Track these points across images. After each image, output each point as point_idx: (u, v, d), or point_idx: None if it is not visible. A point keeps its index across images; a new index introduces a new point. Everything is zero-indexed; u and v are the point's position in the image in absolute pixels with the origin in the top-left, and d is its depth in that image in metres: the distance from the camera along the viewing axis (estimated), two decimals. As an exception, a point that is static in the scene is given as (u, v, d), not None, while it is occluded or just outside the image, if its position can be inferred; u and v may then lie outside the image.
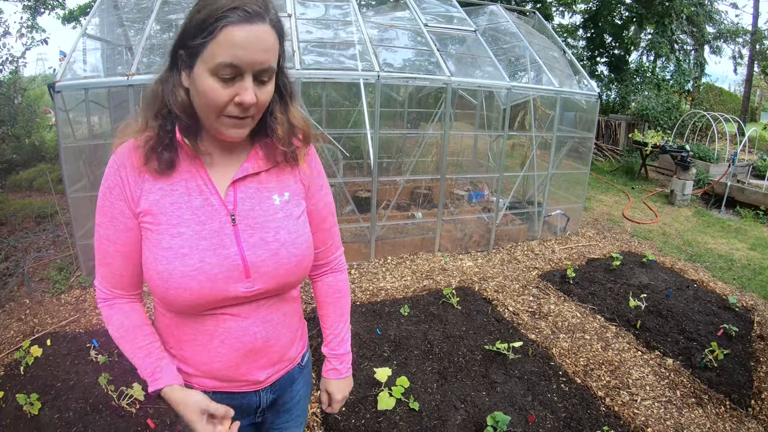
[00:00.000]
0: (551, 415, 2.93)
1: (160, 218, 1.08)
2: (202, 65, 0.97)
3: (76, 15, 11.18)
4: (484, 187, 6.97)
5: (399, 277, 4.81)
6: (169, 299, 1.09)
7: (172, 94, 1.03)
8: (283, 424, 1.43)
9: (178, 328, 1.18)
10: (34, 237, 5.60)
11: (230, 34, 0.94)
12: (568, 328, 4.03)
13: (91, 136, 4.97)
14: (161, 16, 4.91)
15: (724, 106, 19.46)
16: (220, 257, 1.08)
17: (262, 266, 1.12)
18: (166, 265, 1.06)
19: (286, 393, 1.37)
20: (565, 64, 6.76)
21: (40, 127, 9.61)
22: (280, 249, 1.14)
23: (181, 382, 1.17)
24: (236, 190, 1.13)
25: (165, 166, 1.07)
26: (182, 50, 1.00)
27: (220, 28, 0.93)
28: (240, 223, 1.12)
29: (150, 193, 1.08)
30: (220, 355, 1.18)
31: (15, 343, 3.50)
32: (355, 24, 5.30)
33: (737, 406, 3.17)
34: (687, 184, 8.53)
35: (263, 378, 1.26)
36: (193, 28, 0.97)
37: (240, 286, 1.11)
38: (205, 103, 1.00)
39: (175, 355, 1.21)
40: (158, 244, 1.08)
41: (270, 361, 1.26)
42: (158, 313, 1.24)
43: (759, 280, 5.32)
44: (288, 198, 1.20)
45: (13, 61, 6.91)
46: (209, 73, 0.97)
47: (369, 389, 3.03)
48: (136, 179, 1.08)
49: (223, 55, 0.94)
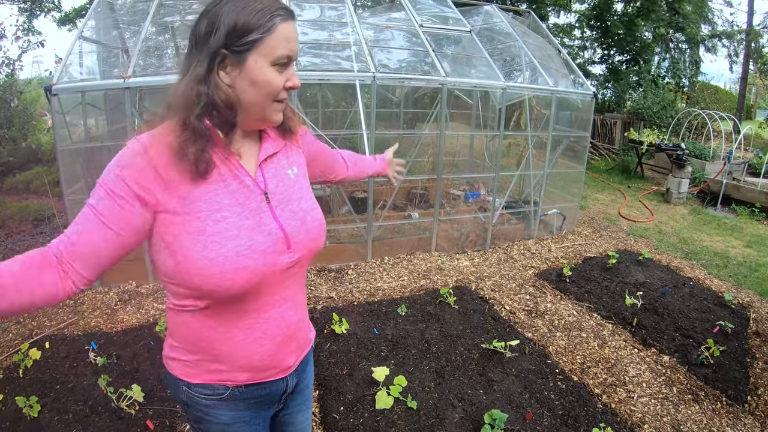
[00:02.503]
0: (548, 413, 2.95)
1: (199, 206, 1.09)
2: (261, 59, 1.09)
3: (71, 17, 11.17)
4: (481, 186, 6.99)
5: (396, 277, 4.82)
6: (226, 285, 1.09)
7: (218, 91, 1.09)
8: (297, 406, 1.48)
9: (212, 329, 1.19)
10: (32, 240, 5.60)
11: (284, 29, 1.10)
12: (564, 326, 4.05)
13: (87, 138, 4.98)
14: (157, 18, 4.92)
15: (720, 104, 19.54)
16: (264, 233, 1.16)
17: (297, 235, 1.22)
18: (219, 249, 1.08)
19: (303, 374, 1.44)
20: (560, 63, 6.79)
21: (37, 129, 9.59)
22: (306, 216, 1.26)
23: None
24: (263, 170, 1.22)
25: (205, 166, 1.10)
26: (227, 50, 1.08)
27: (276, 25, 1.09)
28: (272, 199, 1.21)
29: (180, 185, 1.08)
30: (262, 346, 1.23)
31: (14, 346, 3.51)
32: (350, 25, 5.31)
33: (733, 402, 3.19)
34: (683, 182, 8.56)
35: (292, 362, 1.33)
36: (244, 27, 1.07)
37: (285, 257, 1.19)
38: (265, 92, 1.12)
39: (206, 357, 1.22)
40: (203, 231, 1.09)
41: (298, 344, 1.35)
42: (183, 319, 1.21)
43: (755, 277, 5.35)
44: (297, 171, 1.32)
45: (10, 63, 6.92)
46: (270, 64, 1.10)
47: (367, 388, 3.04)
48: (163, 171, 1.07)
49: (282, 48, 1.10)
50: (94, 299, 4.18)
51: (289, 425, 1.50)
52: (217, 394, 1.24)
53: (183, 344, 1.24)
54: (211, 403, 1.25)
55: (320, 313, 4.00)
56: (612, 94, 14.78)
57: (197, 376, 1.24)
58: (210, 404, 1.26)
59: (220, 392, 1.24)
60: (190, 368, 1.24)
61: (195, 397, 1.26)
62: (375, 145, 4.85)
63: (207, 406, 1.26)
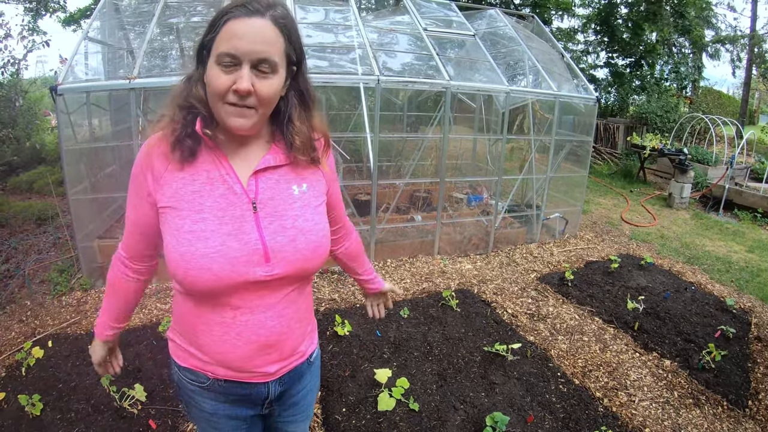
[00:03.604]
0: (550, 416, 2.95)
1: (183, 205, 1.15)
2: (212, 57, 1.09)
3: (76, 18, 11.21)
4: (483, 190, 7.00)
5: (398, 280, 4.83)
6: (189, 280, 1.14)
7: (194, 88, 1.14)
8: (290, 417, 1.48)
9: (196, 318, 1.23)
10: (35, 239, 5.62)
11: (231, 26, 1.06)
12: (566, 329, 4.05)
13: (92, 138, 5.00)
14: (162, 19, 4.94)
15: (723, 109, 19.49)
16: (240, 242, 1.15)
17: (281, 251, 1.19)
18: (188, 247, 1.13)
19: (293, 386, 1.42)
20: (563, 67, 6.80)
21: (40, 129, 9.63)
22: (298, 236, 1.21)
23: (108, 340, 1.48)
24: (258, 180, 1.21)
25: (188, 153, 1.15)
26: (204, 50, 1.12)
27: (223, 23, 1.07)
28: (261, 210, 1.19)
29: (173, 182, 1.16)
30: (236, 347, 1.23)
31: (16, 345, 3.52)
32: (355, 28, 5.33)
33: (734, 406, 3.19)
34: (685, 186, 8.56)
35: (273, 371, 1.31)
36: (208, 27, 1.10)
37: (259, 270, 1.17)
38: (210, 90, 1.10)
39: (191, 343, 1.28)
40: (181, 227, 1.14)
41: (281, 356, 1.30)
42: (177, 303, 1.29)
43: (757, 282, 5.35)
44: (306, 189, 1.27)
45: (15, 63, 6.93)
46: (215, 63, 1.07)
47: (369, 390, 3.05)
48: (159, 168, 1.17)
49: (223, 46, 1.06)
50: (97, 299, 4.19)
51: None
52: (200, 382, 1.30)
53: (177, 326, 1.33)
54: (195, 389, 1.31)
55: (323, 314, 4.01)
56: (615, 98, 14.77)
57: (185, 359, 1.31)
58: (195, 390, 1.32)
59: (202, 381, 1.29)
60: (180, 351, 1.32)
61: (183, 381, 1.33)
62: (379, 148, 4.86)
63: (192, 391, 1.32)
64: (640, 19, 13.03)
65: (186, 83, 1.17)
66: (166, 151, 1.16)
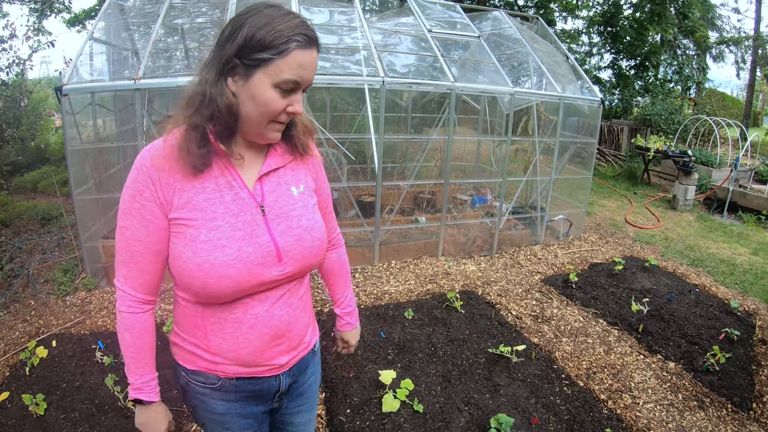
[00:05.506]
0: (554, 418, 2.94)
1: (196, 214, 1.16)
2: (265, 78, 1.09)
3: (81, 18, 11.24)
4: (487, 191, 6.99)
5: (403, 281, 4.82)
6: (209, 289, 1.16)
7: (222, 96, 1.12)
8: (296, 408, 1.51)
9: (204, 319, 1.25)
10: (39, 239, 5.63)
11: (298, 55, 1.09)
12: (570, 331, 4.04)
13: (96, 139, 5.00)
14: (167, 20, 4.95)
15: (727, 111, 19.47)
16: (255, 246, 1.19)
17: (290, 250, 1.24)
18: (206, 257, 1.14)
19: (301, 377, 1.45)
20: (567, 69, 6.79)
21: (44, 129, 9.65)
22: (303, 234, 1.27)
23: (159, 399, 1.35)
24: (262, 184, 1.25)
25: (202, 162, 1.15)
26: (238, 60, 1.09)
27: (290, 50, 1.08)
28: (269, 213, 1.23)
29: (183, 193, 1.16)
30: (248, 341, 1.26)
31: (20, 344, 3.53)
32: (359, 30, 5.33)
33: (739, 409, 3.17)
34: (689, 189, 8.54)
35: (285, 361, 1.34)
36: (258, 43, 1.07)
37: (274, 270, 1.22)
38: (262, 111, 1.12)
39: (199, 346, 1.28)
40: (196, 238, 1.15)
41: (290, 345, 1.35)
42: (182, 308, 1.30)
43: (761, 285, 5.33)
44: (303, 189, 1.33)
45: (20, 63, 6.94)
46: (272, 85, 1.10)
47: (373, 391, 3.05)
48: (167, 180, 1.15)
49: (290, 73, 1.09)
50: (101, 299, 4.20)
51: (288, 425, 1.54)
52: (210, 383, 1.31)
53: (182, 331, 1.32)
54: (205, 392, 1.32)
55: (327, 315, 4.01)
56: (619, 100, 14.76)
57: (193, 362, 1.31)
58: (205, 392, 1.32)
59: (212, 381, 1.30)
60: (188, 355, 1.32)
61: (191, 384, 1.33)
62: (383, 150, 4.86)
63: (202, 394, 1.33)
64: (645, 21, 13.01)
65: (208, 88, 1.12)
66: (174, 160, 1.15)
